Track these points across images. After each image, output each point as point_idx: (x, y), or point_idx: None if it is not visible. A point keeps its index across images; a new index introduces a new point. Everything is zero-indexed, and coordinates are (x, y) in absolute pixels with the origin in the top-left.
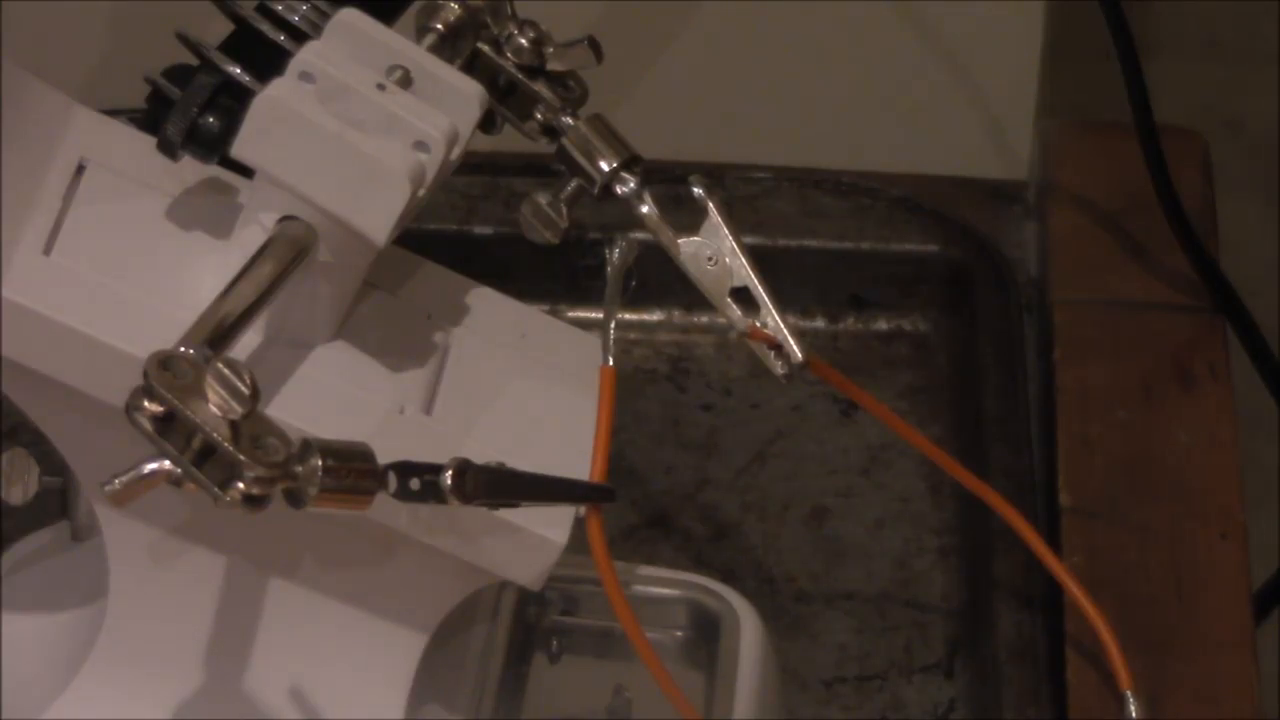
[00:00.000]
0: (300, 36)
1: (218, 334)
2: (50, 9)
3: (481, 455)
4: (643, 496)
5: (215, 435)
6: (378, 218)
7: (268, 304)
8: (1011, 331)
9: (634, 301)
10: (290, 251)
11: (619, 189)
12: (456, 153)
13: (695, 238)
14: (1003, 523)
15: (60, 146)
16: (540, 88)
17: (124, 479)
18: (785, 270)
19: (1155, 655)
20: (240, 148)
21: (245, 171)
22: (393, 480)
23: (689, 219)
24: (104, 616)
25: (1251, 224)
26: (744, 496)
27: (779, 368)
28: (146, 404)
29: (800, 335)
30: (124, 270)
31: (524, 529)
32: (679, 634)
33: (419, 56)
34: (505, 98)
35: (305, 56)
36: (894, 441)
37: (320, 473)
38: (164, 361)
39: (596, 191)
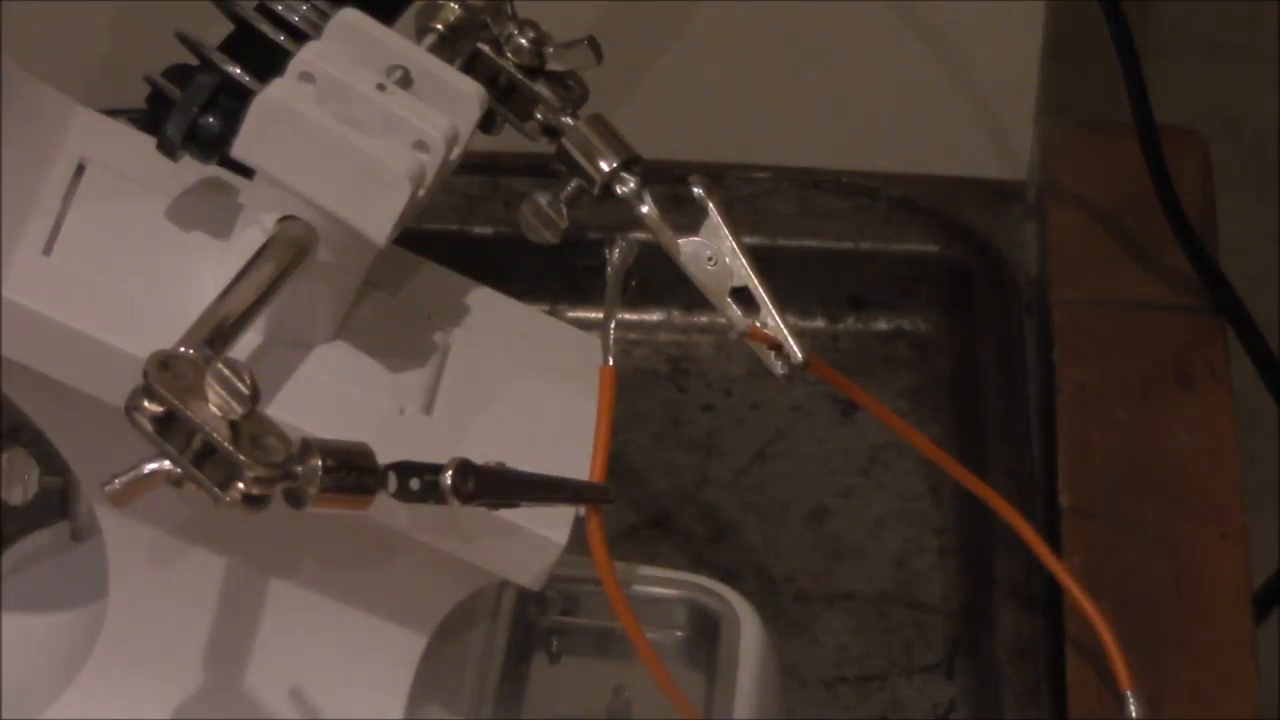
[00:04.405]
0: (300, 36)
1: (218, 334)
2: (50, 9)
3: (481, 455)
4: (643, 496)
5: (215, 435)
6: (378, 218)
7: (268, 304)
8: (1011, 331)
9: (634, 301)
10: (290, 251)
11: (619, 189)
12: (456, 153)
13: (695, 238)
14: (1003, 523)
15: (60, 146)
16: (540, 88)
17: (124, 479)
18: (785, 270)
19: (1155, 655)
20: (240, 148)
21: (245, 171)
22: (393, 480)
23: (689, 219)
24: (104, 617)
25: (1251, 224)
26: (744, 496)
27: (779, 368)
28: (146, 404)
29: (800, 335)
30: (124, 270)
31: (524, 529)
32: (679, 634)
33: (419, 56)
34: (505, 98)
35: (305, 57)
36: (894, 441)
37: (320, 473)
38: (164, 361)
39: (596, 191)
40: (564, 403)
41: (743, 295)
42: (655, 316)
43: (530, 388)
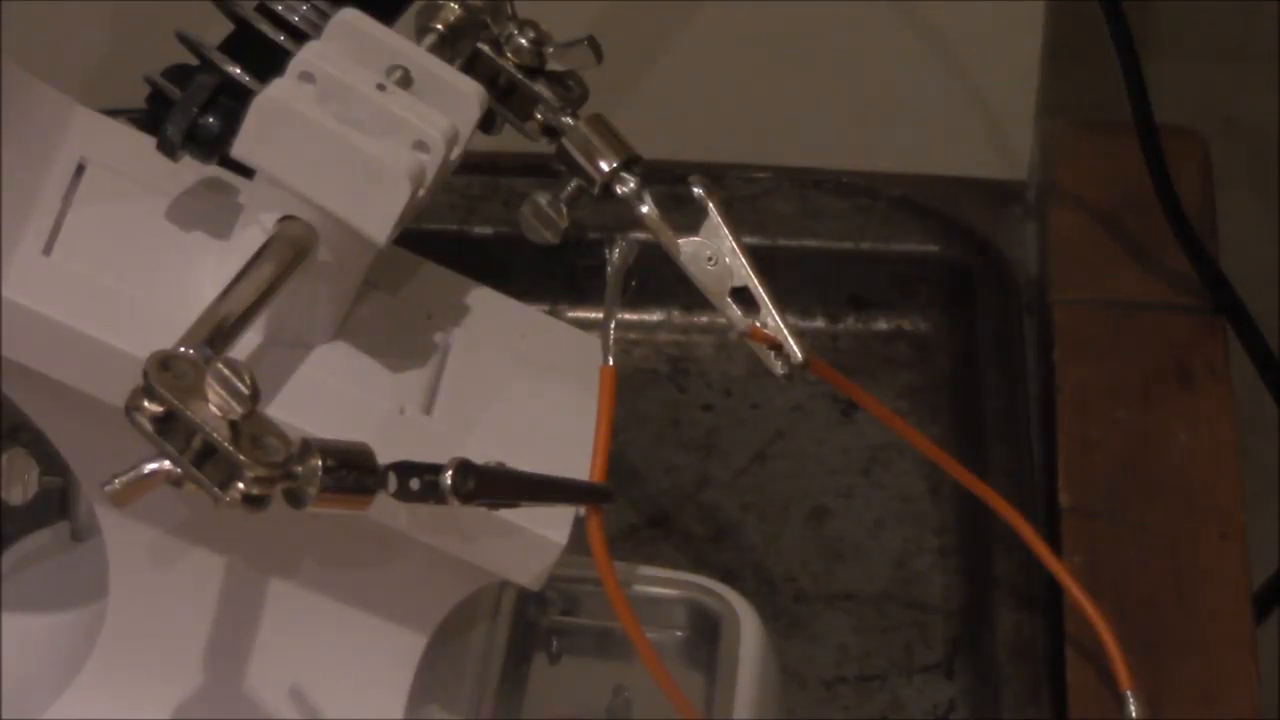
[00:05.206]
0: (300, 36)
1: (218, 334)
2: (50, 9)
3: (481, 455)
4: (643, 496)
5: (215, 435)
6: (378, 218)
7: (268, 304)
8: (1011, 331)
9: (634, 301)
10: (290, 251)
11: (619, 189)
12: (456, 153)
13: (695, 238)
14: (1003, 523)
15: (60, 146)
16: (540, 88)
17: (124, 479)
18: (785, 270)
19: (1155, 655)
20: (240, 148)
21: (245, 171)
22: (393, 480)
23: (689, 219)
24: (104, 617)
25: (1251, 224)
26: (744, 496)
27: (779, 368)
28: (146, 404)
29: (800, 335)
30: (124, 270)
31: (524, 529)
32: (679, 634)
33: (419, 56)
34: (505, 98)
35: (305, 56)
36: (894, 441)
37: (320, 473)
38: (164, 361)
39: (596, 191)
40: (564, 403)
41: (743, 295)
42: (655, 316)
43: (530, 388)
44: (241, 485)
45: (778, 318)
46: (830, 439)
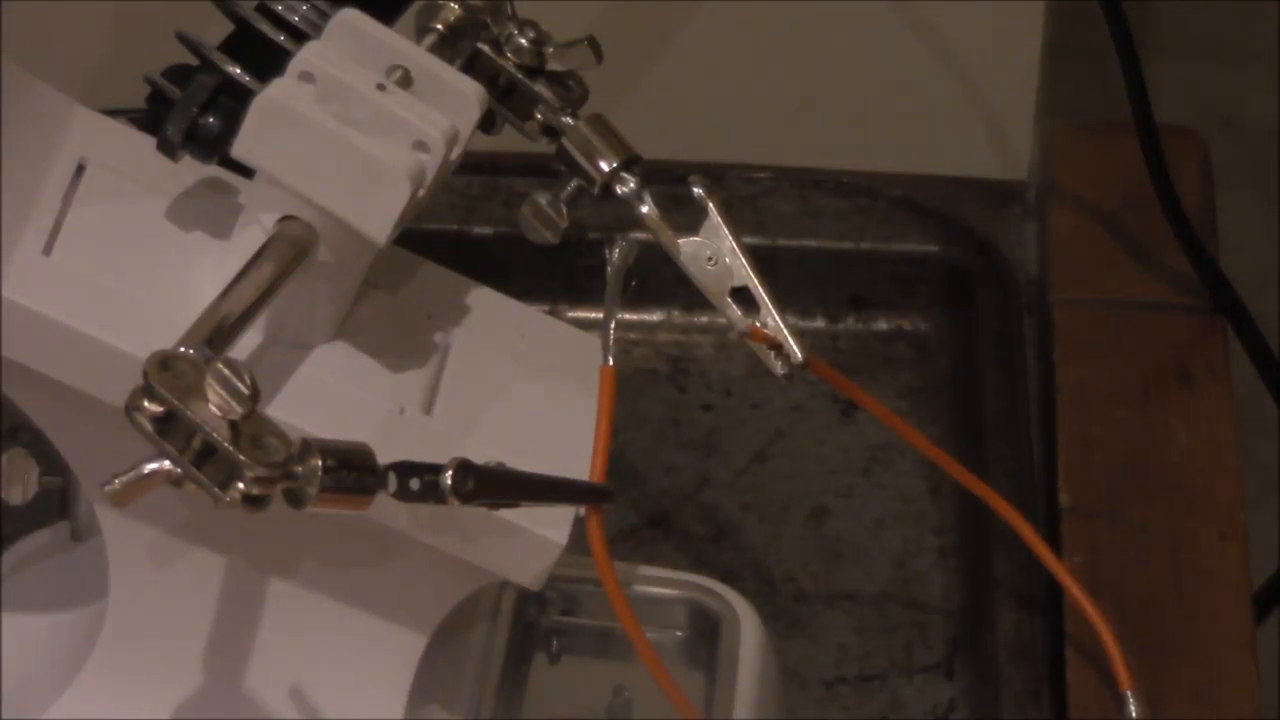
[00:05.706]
0: (300, 36)
1: (218, 334)
2: (50, 9)
3: (481, 455)
4: (643, 496)
5: (215, 435)
6: (378, 218)
7: (268, 304)
8: (1011, 331)
9: (634, 301)
10: (290, 251)
11: (619, 189)
12: (456, 153)
13: (695, 238)
14: (1003, 523)
15: (60, 146)
16: (540, 88)
17: (124, 479)
18: (785, 270)
19: (1155, 655)
20: (240, 148)
21: (245, 171)
22: (393, 480)
23: (689, 219)
24: (104, 617)
25: (1251, 224)
26: (744, 496)
27: (779, 368)
28: (146, 404)
29: (800, 335)
30: (124, 270)
31: (524, 529)
32: (679, 634)
33: (419, 56)
34: (505, 98)
35: (305, 56)
36: (894, 441)
37: (320, 473)
38: (164, 361)
39: (596, 191)
40: (564, 403)
41: (743, 295)
42: (655, 316)
43: (530, 388)
44: (241, 485)
45: (778, 318)
46: (830, 439)
